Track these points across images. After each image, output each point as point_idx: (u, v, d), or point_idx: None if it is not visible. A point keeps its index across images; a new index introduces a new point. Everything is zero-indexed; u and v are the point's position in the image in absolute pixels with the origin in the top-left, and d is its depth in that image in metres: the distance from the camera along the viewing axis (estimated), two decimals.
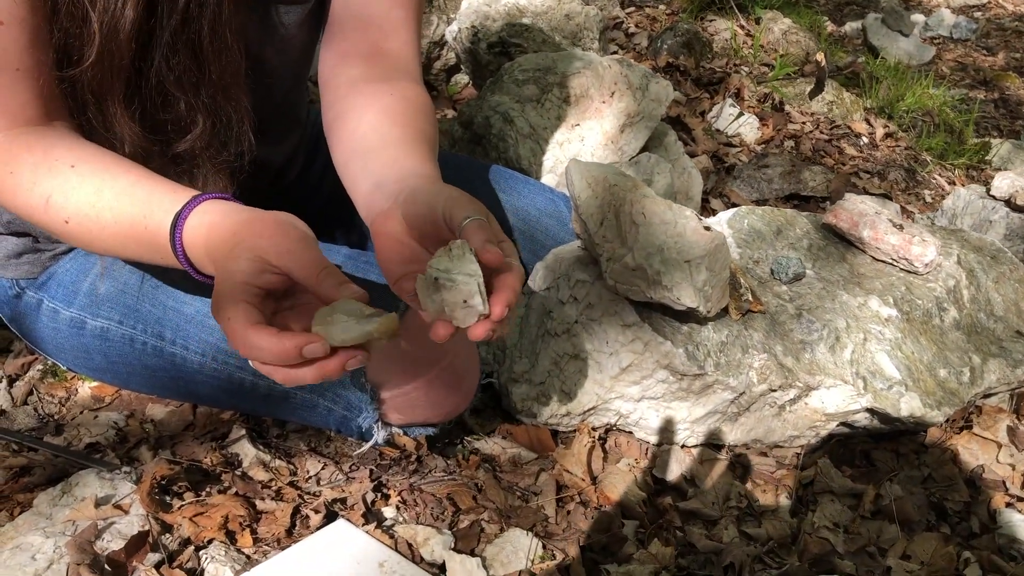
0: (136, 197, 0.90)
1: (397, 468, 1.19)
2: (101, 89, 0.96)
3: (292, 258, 0.79)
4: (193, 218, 0.87)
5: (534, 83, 1.84)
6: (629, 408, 1.25)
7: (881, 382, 1.25)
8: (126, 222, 0.90)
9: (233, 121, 1.07)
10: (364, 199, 1.01)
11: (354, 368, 0.79)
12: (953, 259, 1.44)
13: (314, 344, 0.76)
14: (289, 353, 0.76)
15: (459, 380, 1.16)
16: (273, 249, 0.80)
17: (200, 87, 1.02)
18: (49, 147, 0.94)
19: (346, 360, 0.78)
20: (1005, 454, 1.34)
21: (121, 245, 0.93)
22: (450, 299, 0.80)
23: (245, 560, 1.02)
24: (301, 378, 0.79)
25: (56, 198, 0.92)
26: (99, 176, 0.92)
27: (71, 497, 1.09)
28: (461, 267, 0.79)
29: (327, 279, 0.79)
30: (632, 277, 1.15)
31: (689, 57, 2.79)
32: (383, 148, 1.05)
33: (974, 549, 1.18)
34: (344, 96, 1.14)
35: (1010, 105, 3.55)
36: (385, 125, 1.08)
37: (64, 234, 0.95)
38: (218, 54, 1.02)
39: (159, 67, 0.99)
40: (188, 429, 1.26)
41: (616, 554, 1.10)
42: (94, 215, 0.91)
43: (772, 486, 1.26)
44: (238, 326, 0.77)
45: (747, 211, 1.48)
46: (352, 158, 1.07)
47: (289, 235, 0.81)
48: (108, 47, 0.93)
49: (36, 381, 1.34)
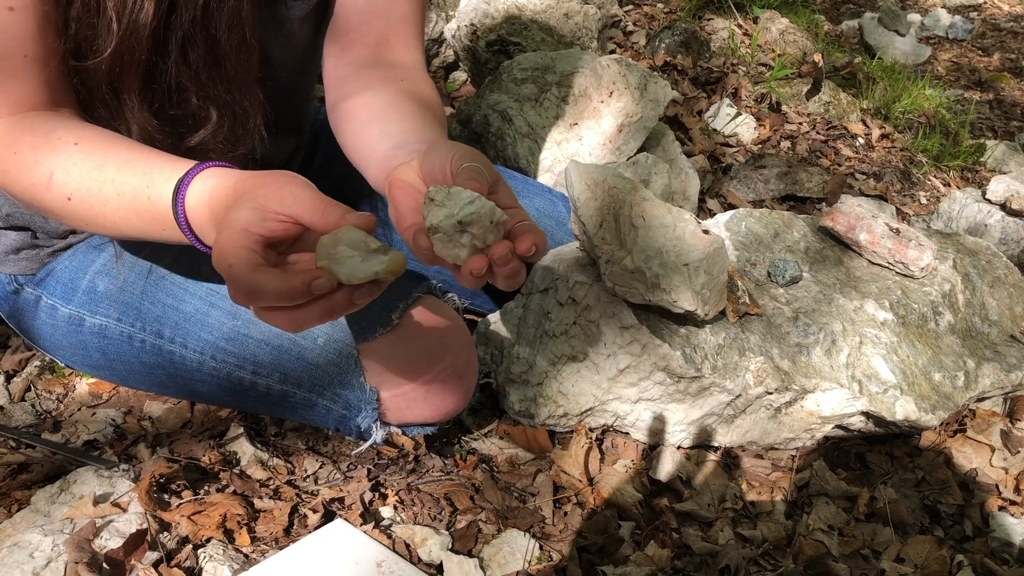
0: (138, 168, 0.90)
1: (395, 468, 1.19)
2: (117, 81, 0.96)
3: (295, 200, 0.78)
4: (195, 184, 0.86)
5: (533, 82, 1.84)
6: (626, 409, 1.26)
7: (876, 386, 1.26)
8: (128, 193, 0.89)
9: (249, 116, 1.07)
10: (382, 159, 0.99)
11: (363, 301, 0.77)
12: (949, 263, 1.45)
13: (321, 279, 0.74)
14: (296, 290, 0.74)
15: (458, 380, 1.16)
16: (275, 195, 0.78)
17: (216, 82, 1.02)
18: (52, 128, 0.94)
19: (353, 292, 0.76)
20: (999, 458, 1.35)
21: (124, 220, 0.92)
22: (478, 231, 0.78)
23: (243, 559, 1.02)
24: (308, 318, 0.76)
25: (59, 175, 0.91)
26: (101, 151, 0.92)
27: (69, 495, 1.09)
28: (461, 198, 0.78)
29: (331, 210, 0.78)
30: (631, 280, 1.15)
31: (687, 56, 2.79)
32: (402, 119, 1.06)
33: (967, 552, 1.19)
34: (354, 79, 1.15)
35: (1005, 106, 3.56)
36: (402, 102, 1.09)
37: (68, 213, 0.94)
38: (235, 49, 1.02)
39: (176, 61, 0.99)
40: (186, 427, 1.26)
41: (612, 555, 1.10)
42: (96, 189, 0.90)
43: (767, 488, 1.26)
44: (242, 270, 0.75)
45: (745, 213, 1.48)
46: (370, 124, 1.07)
47: (292, 181, 0.80)
48: (127, 41, 0.93)
49: (34, 377, 1.34)
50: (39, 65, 0.93)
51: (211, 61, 1.02)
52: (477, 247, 0.79)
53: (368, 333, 1.11)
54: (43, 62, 0.93)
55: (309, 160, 1.43)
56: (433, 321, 1.14)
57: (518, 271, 0.80)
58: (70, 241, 1.21)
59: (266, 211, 0.78)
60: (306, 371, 1.13)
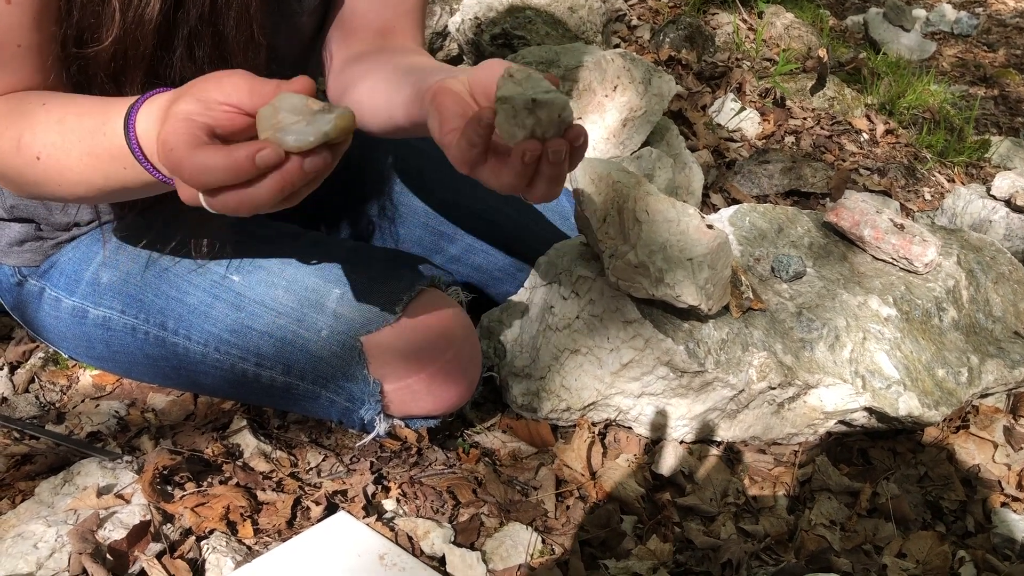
0: (95, 111, 0.88)
1: (398, 460, 1.20)
2: (120, 73, 0.96)
3: (234, 88, 0.75)
4: (145, 107, 0.83)
5: None
6: (629, 404, 1.26)
7: (879, 381, 1.26)
8: (87, 138, 0.87)
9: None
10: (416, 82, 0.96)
11: (317, 170, 0.72)
12: (953, 259, 1.45)
13: (266, 149, 0.69)
14: (240, 163, 0.69)
15: (462, 373, 1.16)
16: (215, 86, 0.75)
17: None
18: (24, 95, 0.94)
19: (303, 160, 0.71)
20: (1001, 454, 1.35)
21: (90, 168, 0.89)
22: (545, 117, 0.75)
23: (246, 551, 1.02)
24: (263, 196, 0.71)
25: (26, 137, 0.91)
26: (64, 106, 0.91)
27: (73, 486, 1.09)
28: (540, 84, 0.75)
29: (262, 85, 0.74)
30: (634, 274, 1.15)
31: (691, 51, 2.78)
32: (427, 63, 1.06)
33: (969, 548, 1.19)
34: (358, 64, 1.15)
35: (1010, 102, 3.55)
36: (417, 57, 1.09)
37: (41, 175, 0.92)
38: (243, 47, 1.02)
39: (181, 57, 0.99)
40: (189, 419, 1.26)
41: (615, 549, 1.11)
42: (60, 141, 0.89)
43: (770, 483, 1.27)
44: (182, 151, 0.71)
45: (749, 208, 1.48)
46: (392, 73, 1.05)
47: (231, 72, 0.77)
48: (132, 34, 0.93)
49: (37, 369, 1.34)
50: (33, 54, 0.94)
51: (217, 58, 1.02)
52: (536, 134, 0.76)
53: (372, 325, 1.11)
54: (37, 51, 0.94)
55: None
56: (437, 314, 1.14)
57: (562, 175, 0.78)
58: (74, 233, 1.21)
59: (208, 100, 0.75)
60: (309, 363, 1.13)
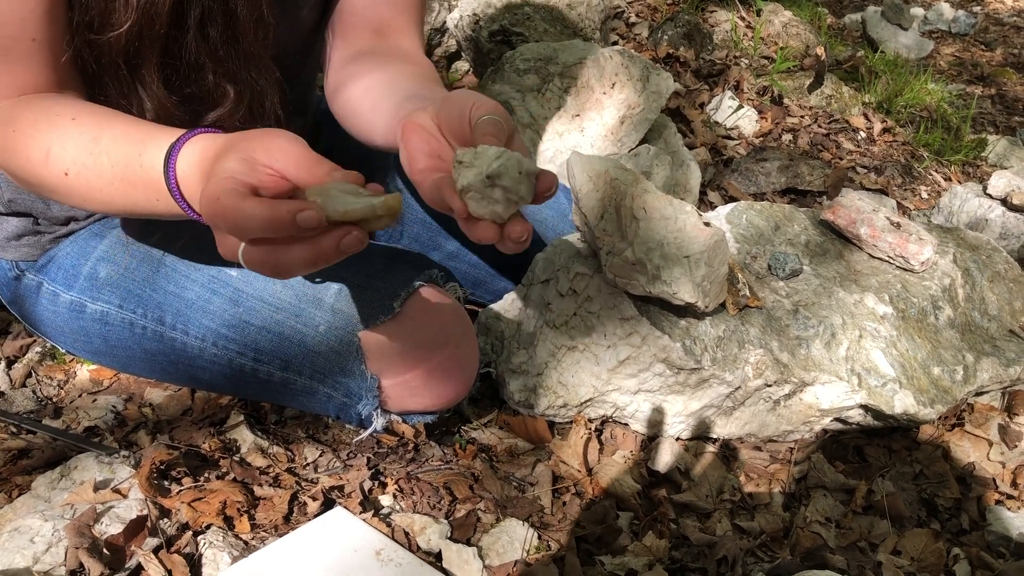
0: (132, 138, 0.89)
1: (394, 456, 1.20)
2: (135, 56, 0.96)
3: (283, 153, 0.76)
4: (187, 148, 0.84)
5: (535, 73, 1.84)
6: (626, 400, 1.26)
7: (875, 379, 1.26)
8: (122, 164, 0.88)
9: (266, 94, 1.07)
10: (392, 109, 0.99)
11: (351, 248, 0.73)
12: (949, 258, 1.45)
13: (309, 211, 0.70)
14: (282, 217, 0.70)
15: (460, 368, 1.17)
16: (262, 147, 0.77)
17: (233, 58, 1.03)
18: (50, 105, 0.94)
19: (343, 236, 0.72)
20: (996, 452, 1.35)
21: (120, 193, 0.91)
22: (508, 182, 0.76)
23: (243, 546, 1.02)
24: (292, 261, 0.73)
25: (55, 150, 0.91)
26: (98, 124, 0.92)
27: (69, 480, 1.09)
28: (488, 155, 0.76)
29: (319, 166, 0.76)
30: (631, 271, 1.15)
31: (689, 48, 2.78)
32: (408, 80, 1.06)
33: (963, 545, 1.20)
34: (355, 63, 1.16)
35: (1007, 101, 3.56)
36: (406, 69, 1.10)
37: (66, 189, 0.93)
38: (253, 26, 1.03)
39: (194, 36, 0.99)
40: (186, 414, 1.26)
41: (610, 545, 1.11)
42: (92, 162, 0.90)
43: (765, 480, 1.27)
44: (228, 199, 0.72)
45: (746, 206, 1.48)
46: (376, 87, 1.07)
47: (280, 135, 0.78)
48: (147, 14, 0.94)
49: (35, 363, 1.34)
50: (46, 49, 0.94)
51: (229, 37, 1.02)
52: (512, 199, 0.77)
53: (370, 321, 1.11)
54: (50, 46, 0.94)
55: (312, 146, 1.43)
56: (435, 310, 1.14)
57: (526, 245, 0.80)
58: (72, 228, 1.21)
59: (254, 162, 0.76)
60: (307, 358, 1.13)
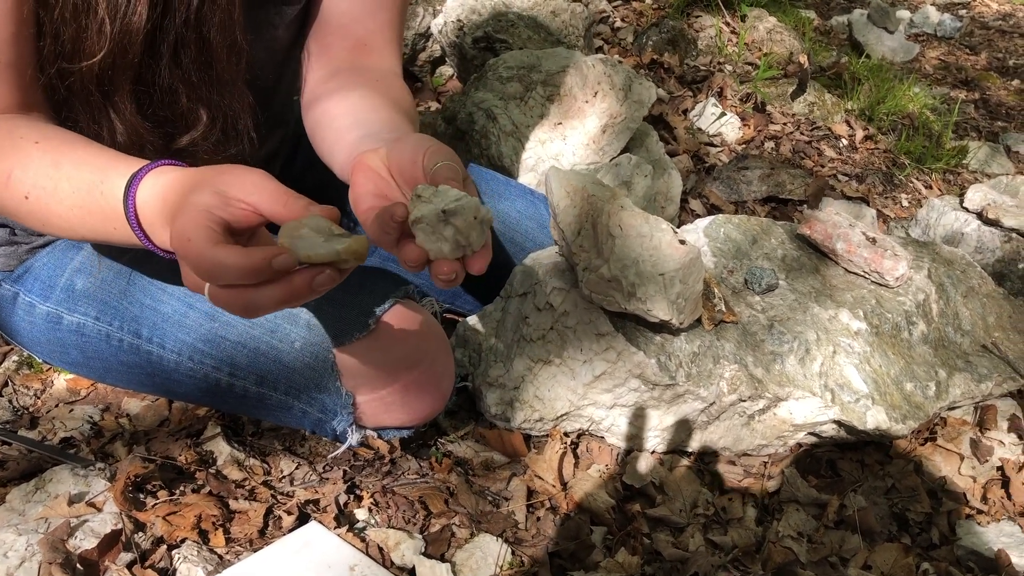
0: (94, 165, 0.89)
1: (371, 469, 1.20)
2: (108, 83, 0.96)
3: (256, 188, 0.77)
4: (149, 179, 0.84)
5: (518, 80, 1.84)
6: (601, 415, 1.27)
7: (848, 395, 1.27)
8: (83, 190, 0.88)
9: (239, 117, 1.07)
10: (350, 145, 0.99)
11: (323, 288, 0.75)
12: (924, 272, 1.46)
13: (283, 256, 0.72)
14: (257, 265, 0.71)
15: (435, 385, 1.17)
16: (236, 182, 0.77)
17: (206, 84, 1.03)
18: (14, 127, 0.93)
19: (314, 276, 0.74)
20: (967, 466, 1.37)
21: (78, 219, 0.90)
22: (461, 223, 0.77)
23: (217, 560, 1.03)
24: (266, 301, 0.74)
25: (17, 173, 0.91)
26: (60, 150, 0.91)
27: (44, 493, 1.09)
28: (448, 195, 0.78)
29: (294, 202, 0.77)
30: (607, 288, 1.16)
31: (674, 54, 2.79)
32: (374, 111, 1.06)
33: (933, 560, 1.21)
34: (330, 80, 1.16)
35: (990, 106, 3.58)
36: (376, 98, 1.09)
37: (25, 212, 0.93)
38: (226, 52, 1.02)
39: (167, 63, 0.99)
40: (163, 425, 1.27)
41: (583, 561, 1.12)
42: (52, 187, 0.89)
43: (739, 494, 1.28)
44: (201, 245, 0.72)
45: (724, 220, 1.49)
46: (341, 117, 1.07)
47: (252, 171, 0.79)
48: (120, 43, 0.93)
49: (11, 372, 1.34)
50: (13, 70, 0.93)
51: (202, 63, 1.02)
52: (460, 243, 0.78)
53: (345, 338, 1.12)
54: (17, 67, 0.93)
55: (291, 161, 1.43)
56: (410, 326, 1.15)
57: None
58: (48, 239, 1.21)
59: (227, 196, 0.76)
60: (283, 374, 1.14)
